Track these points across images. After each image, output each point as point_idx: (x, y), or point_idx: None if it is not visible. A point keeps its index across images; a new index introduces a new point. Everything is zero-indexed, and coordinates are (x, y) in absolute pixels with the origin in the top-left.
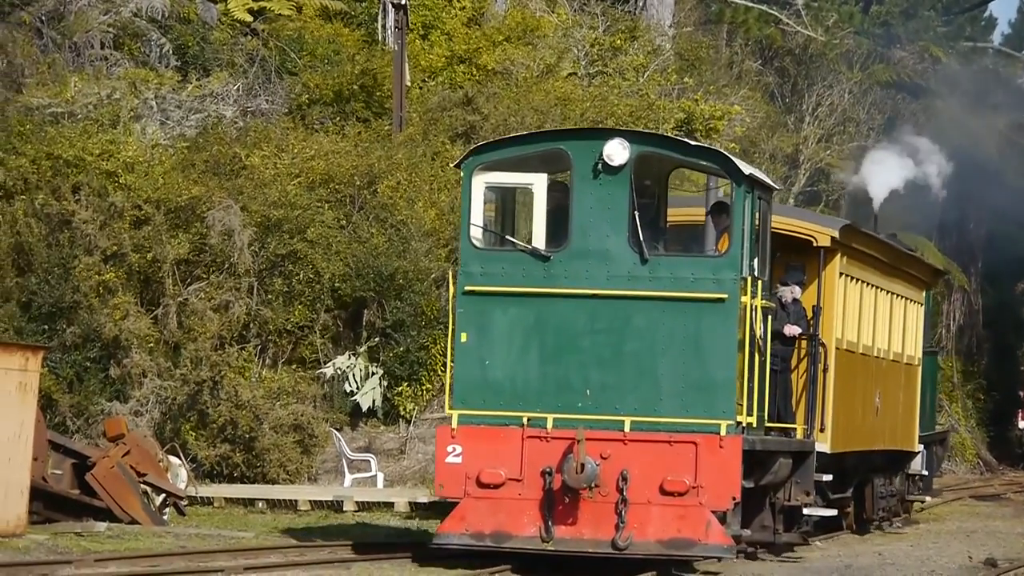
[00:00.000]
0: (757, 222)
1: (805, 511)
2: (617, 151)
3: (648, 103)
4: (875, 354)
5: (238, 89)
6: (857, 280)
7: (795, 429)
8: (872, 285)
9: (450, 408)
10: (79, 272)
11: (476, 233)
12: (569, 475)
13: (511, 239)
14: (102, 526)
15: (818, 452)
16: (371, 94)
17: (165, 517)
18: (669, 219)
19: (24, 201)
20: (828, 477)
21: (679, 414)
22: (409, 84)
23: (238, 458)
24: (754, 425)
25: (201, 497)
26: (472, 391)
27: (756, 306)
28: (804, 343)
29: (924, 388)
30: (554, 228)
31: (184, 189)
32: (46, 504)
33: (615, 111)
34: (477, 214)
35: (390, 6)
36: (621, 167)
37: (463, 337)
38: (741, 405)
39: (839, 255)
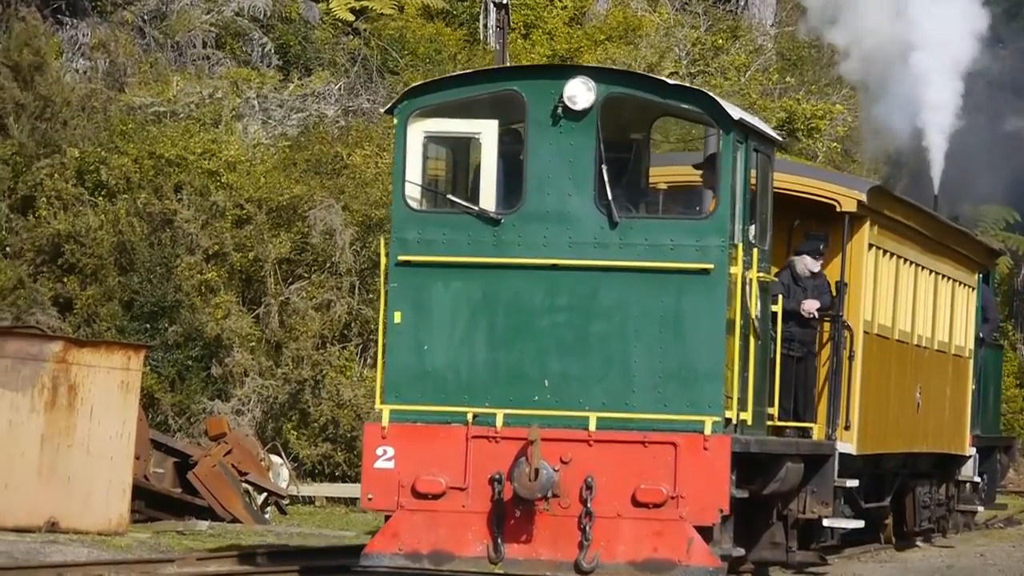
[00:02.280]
0: (753, 179)
1: (826, 523)
2: (580, 92)
3: (750, 102)
4: (915, 342)
5: (339, 88)
6: (891, 255)
7: (812, 428)
8: (910, 262)
9: (381, 402)
10: (181, 271)
11: (412, 192)
12: (521, 483)
13: (454, 199)
14: (203, 525)
15: (842, 454)
16: None
17: (267, 516)
18: (666, 179)
19: (126, 200)
20: (854, 483)
21: (655, 409)
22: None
23: (339, 457)
24: (750, 423)
25: (302, 496)
26: (407, 382)
27: (751, 279)
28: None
29: (986, 385)
30: (506, 186)
31: (285, 188)
32: (148, 503)
33: None
34: (414, 169)
35: (492, 5)
36: (585, 111)
37: (396, 317)
38: (731, 398)
39: (868, 223)
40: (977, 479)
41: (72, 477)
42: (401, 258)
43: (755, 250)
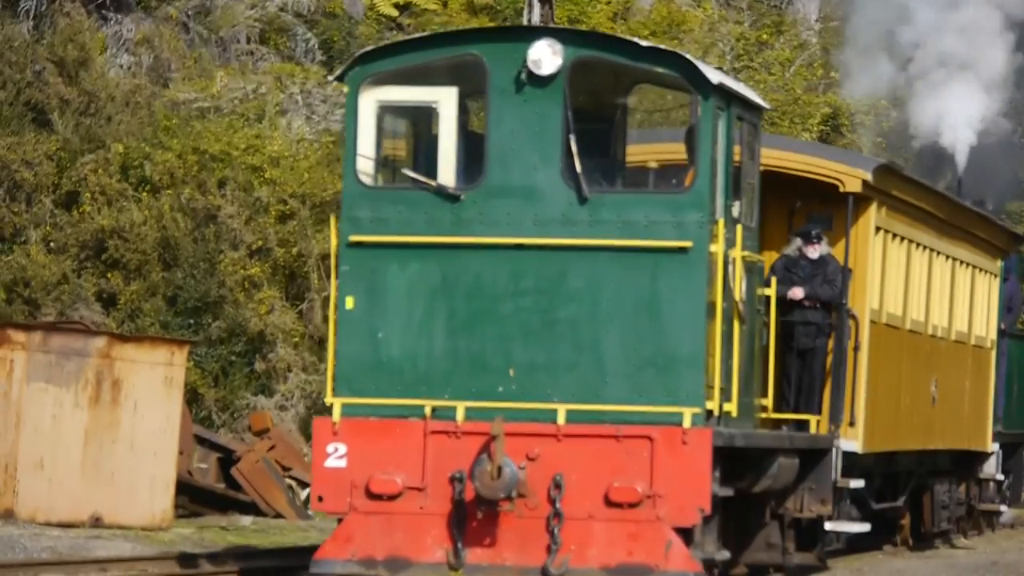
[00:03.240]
0: (737, 151)
1: (828, 527)
2: (545, 56)
3: (794, 98)
4: (929, 332)
5: None
6: (902, 239)
7: (812, 422)
8: (924, 247)
9: (332, 395)
10: (224, 267)
11: (365, 166)
12: (482, 482)
13: (410, 174)
14: (247, 520)
15: (848, 453)
16: None
17: (310, 512)
18: (657, 157)
19: (170, 196)
20: (859, 483)
21: (630, 400)
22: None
23: None
24: (734, 415)
25: None
26: (360, 373)
27: (735, 258)
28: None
29: (1010, 378)
30: (466, 159)
31: (329, 183)
32: (191, 498)
33: None
34: (366, 141)
35: (536, 0)
36: (552, 77)
37: (348, 303)
38: (713, 388)
39: (875, 204)
40: (1000, 477)
41: (116, 472)
42: (353, 239)
43: (739, 227)
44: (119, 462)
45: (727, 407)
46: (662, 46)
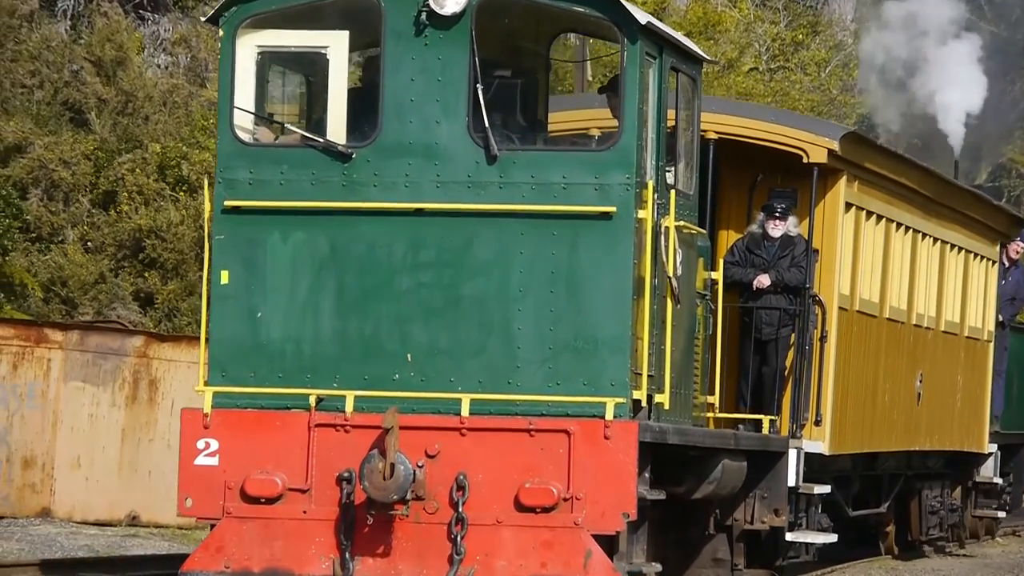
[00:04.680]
0: (673, 106)
1: (788, 536)
2: None
3: (830, 98)
4: (913, 321)
5: None
6: (879, 217)
7: (764, 422)
8: (907, 228)
9: (204, 383)
10: None
11: (243, 121)
12: (372, 482)
13: (294, 129)
14: None
15: (813, 454)
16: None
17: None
18: (598, 124)
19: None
20: (824, 489)
21: (544, 389)
22: (591, 80)
23: None
24: (667, 407)
25: None
26: (236, 358)
27: (668, 228)
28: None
29: (1011, 374)
30: (359, 112)
31: None
32: None
33: (796, 106)
34: (244, 93)
35: None
36: (456, 17)
37: (223, 277)
38: (640, 375)
39: (844, 178)
40: (998, 480)
41: (153, 471)
42: (228, 203)
43: (673, 193)
44: (156, 461)
45: (658, 398)
46: None
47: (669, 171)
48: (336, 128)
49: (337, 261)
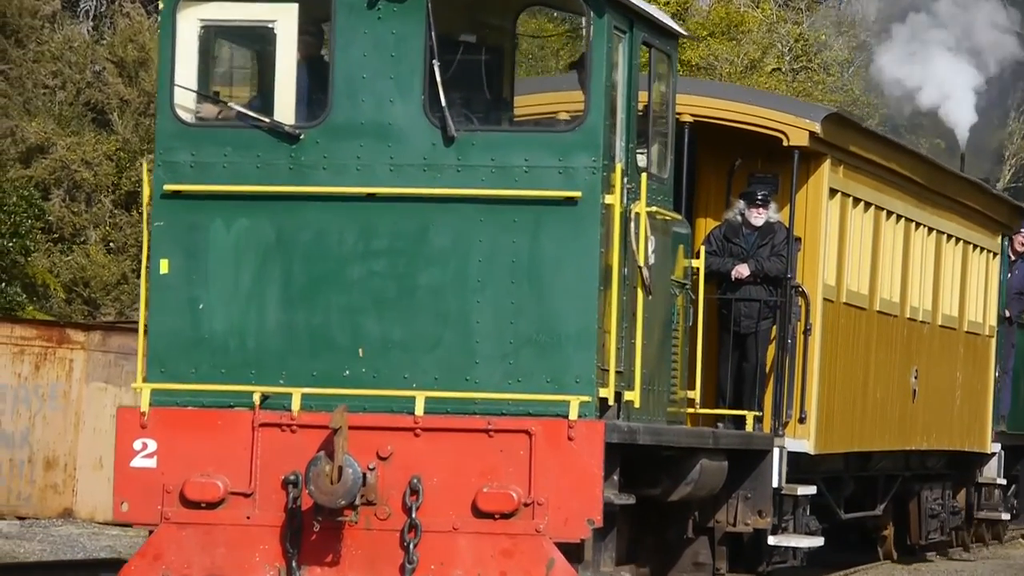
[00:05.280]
0: (646, 84)
1: (771, 540)
2: None
3: (853, 98)
4: (907, 315)
5: None
6: (867, 205)
7: (748, 418)
8: (899, 216)
9: (142, 380)
10: None
11: (184, 100)
12: (319, 487)
13: (237, 108)
14: None
15: (798, 454)
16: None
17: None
18: (568, 108)
19: None
20: (809, 490)
21: (504, 386)
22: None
23: None
24: (638, 405)
25: None
26: (176, 353)
27: (639, 214)
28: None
29: (1018, 372)
30: (308, 90)
31: None
32: None
33: None
34: (186, 69)
35: None
36: None
37: (163, 266)
38: (607, 371)
39: (828, 162)
40: (1002, 481)
41: None
42: (169, 188)
43: (644, 176)
44: None
45: (628, 396)
46: None
47: (641, 153)
48: (284, 107)
49: (284, 249)
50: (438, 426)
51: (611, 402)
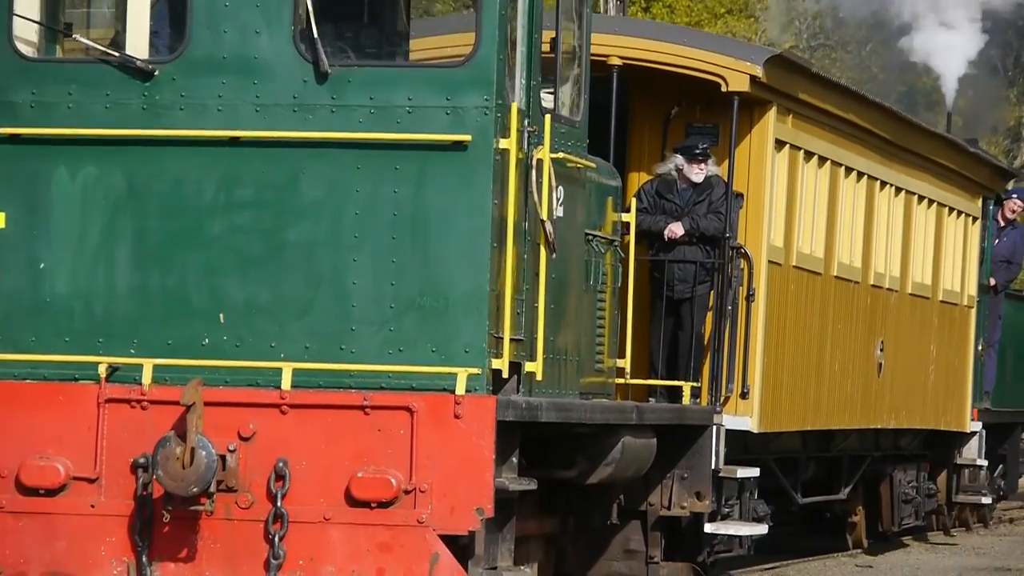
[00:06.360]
0: (554, 15)
1: (707, 528)
2: None
3: (870, 75)
4: (870, 281)
5: None
6: (823, 160)
7: (685, 389)
8: (861, 174)
9: None
10: None
11: (24, 31)
12: (168, 471)
13: (83, 40)
14: None
15: (741, 432)
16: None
17: None
18: (459, 50)
19: None
20: (751, 472)
21: (384, 357)
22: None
23: None
24: (540, 378)
25: None
26: (13, 318)
27: (542, 160)
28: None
29: (1004, 345)
30: (161, 20)
31: None
32: None
33: None
34: None
35: None
36: None
37: None
38: (500, 339)
39: (773, 110)
40: (983, 462)
41: None
42: (5, 131)
43: (549, 119)
44: None
45: (529, 367)
46: None
47: (549, 93)
48: (137, 40)
49: (136, 201)
50: (308, 402)
51: (505, 374)
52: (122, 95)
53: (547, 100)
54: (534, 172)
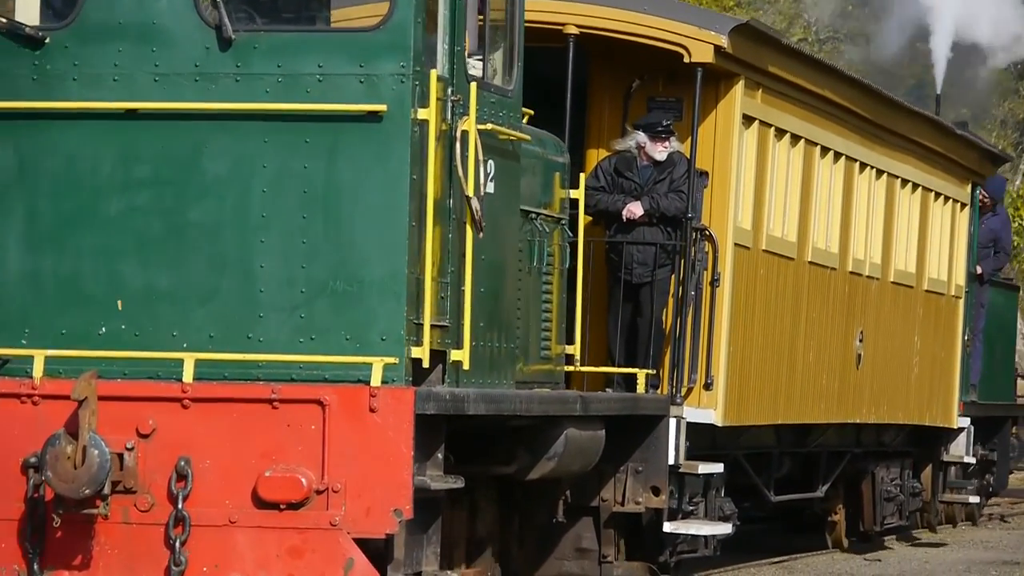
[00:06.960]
0: None
1: (667, 528)
2: None
3: (879, 68)
4: (848, 268)
5: None
6: (796, 138)
7: (639, 376)
8: (837, 153)
9: None
10: None
11: None
12: (58, 472)
13: None
14: None
15: (708, 426)
16: None
17: None
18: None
19: None
20: (714, 468)
21: (294, 346)
22: None
23: None
24: (467, 367)
25: None
26: None
27: (466, 131)
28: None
29: (992, 337)
30: None
31: None
32: None
33: None
34: None
35: None
36: None
37: None
38: (420, 326)
39: (741, 84)
40: (970, 459)
41: None
42: None
43: (474, 87)
44: None
45: (455, 355)
46: None
47: (477, 60)
48: (26, 5)
49: (25, 179)
50: (211, 395)
51: (427, 364)
52: (10, 64)
53: (475, 68)
54: (458, 145)
